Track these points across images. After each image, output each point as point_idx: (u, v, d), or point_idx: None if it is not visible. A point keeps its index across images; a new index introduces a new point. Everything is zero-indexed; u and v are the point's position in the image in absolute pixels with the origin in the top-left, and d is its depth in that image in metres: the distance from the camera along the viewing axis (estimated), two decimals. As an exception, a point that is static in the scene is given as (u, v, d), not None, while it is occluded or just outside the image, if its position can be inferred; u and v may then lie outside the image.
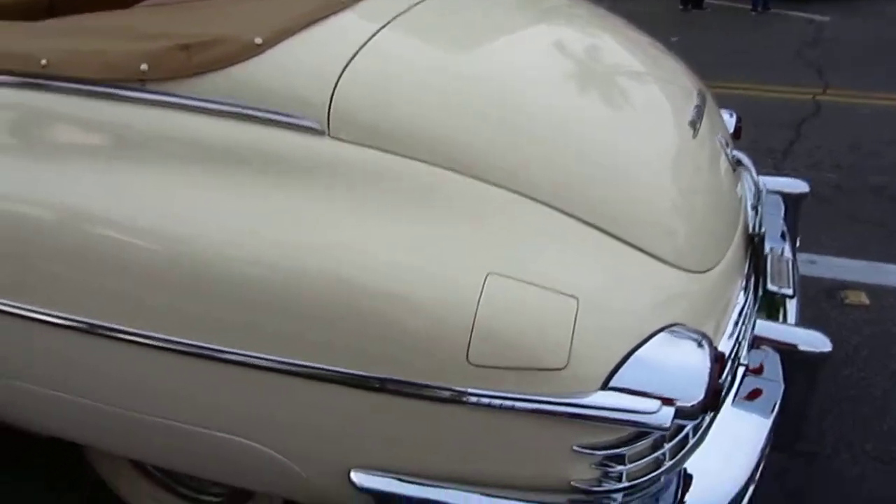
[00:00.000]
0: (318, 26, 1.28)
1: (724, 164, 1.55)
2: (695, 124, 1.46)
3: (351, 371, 1.11)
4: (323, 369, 1.12)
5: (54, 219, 1.25)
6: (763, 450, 1.25)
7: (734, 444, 1.25)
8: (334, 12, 1.31)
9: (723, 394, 1.23)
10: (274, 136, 1.19)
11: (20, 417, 1.47)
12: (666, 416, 1.05)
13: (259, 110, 1.20)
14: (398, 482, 1.15)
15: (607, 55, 1.59)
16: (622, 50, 1.67)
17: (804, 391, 1.40)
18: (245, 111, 1.20)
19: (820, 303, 2.46)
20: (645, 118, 1.41)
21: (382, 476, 1.15)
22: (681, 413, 1.06)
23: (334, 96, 1.19)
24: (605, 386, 1.07)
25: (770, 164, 3.53)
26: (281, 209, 1.16)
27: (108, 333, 1.22)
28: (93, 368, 1.29)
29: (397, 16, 1.34)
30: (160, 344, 1.19)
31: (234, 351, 1.15)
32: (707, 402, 1.07)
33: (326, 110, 1.18)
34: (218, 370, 1.17)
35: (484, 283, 1.07)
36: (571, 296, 1.08)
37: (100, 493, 1.63)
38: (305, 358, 1.12)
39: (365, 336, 1.10)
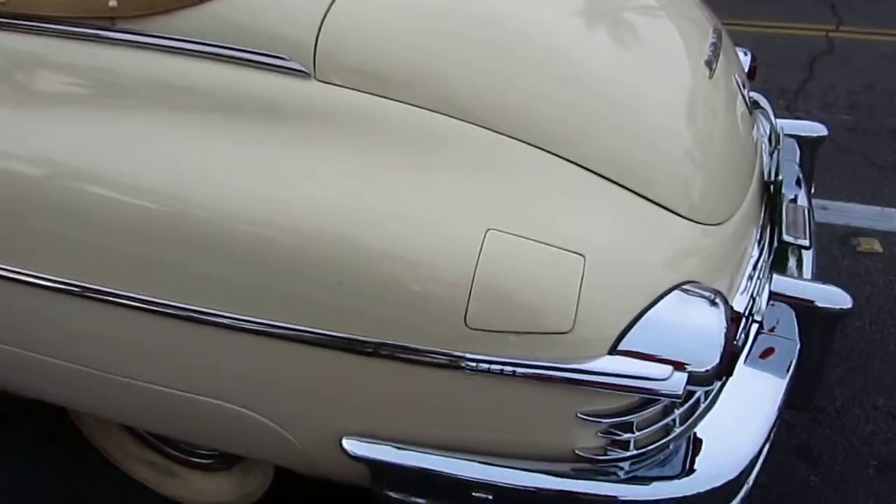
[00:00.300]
0: None
1: (740, 108, 1.45)
2: (711, 64, 1.36)
3: (341, 334, 1.03)
4: (311, 332, 1.04)
5: (21, 172, 1.16)
6: (778, 412, 1.18)
7: (747, 406, 1.18)
8: None
9: (738, 357, 1.15)
10: (255, 80, 1.10)
11: (3, 379, 1.41)
12: (678, 382, 0.98)
13: (238, 50, 1.10)
14: (393, 450, 1.09)
15: None
16: None
17: (820, 349, 1.33)
18: (223, 52, 1.10)
19: (831, 251, 2.38)
20: (657, 57, 1.30)
21: (376, 443, 1.09)
22: (694, 379, 0.99)
23: (320, 34, 1.08)
24: (612, 350, 1.00)
25: (782, 105, 3.40)
26: (264, 159, 1.08)
27: (88, 294, 1.14)
28: (76, 330, 1.22)
29: None
30: (144, 305, 1.11)
31: (219, 313, 1.08)
32: (722, 367, 1.00)
33: (312, 50, 1.08)
34: (205, 333, 1.10)
35: (483, 240, 0.99)
36: (577, 253, 1.00)
37: (87, 445, 1.58)
38: (293, 320, 1.05)
39: (355, 295, 1.02)
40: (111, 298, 1.13)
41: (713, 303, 1.05)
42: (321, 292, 1.03)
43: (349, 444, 1.10)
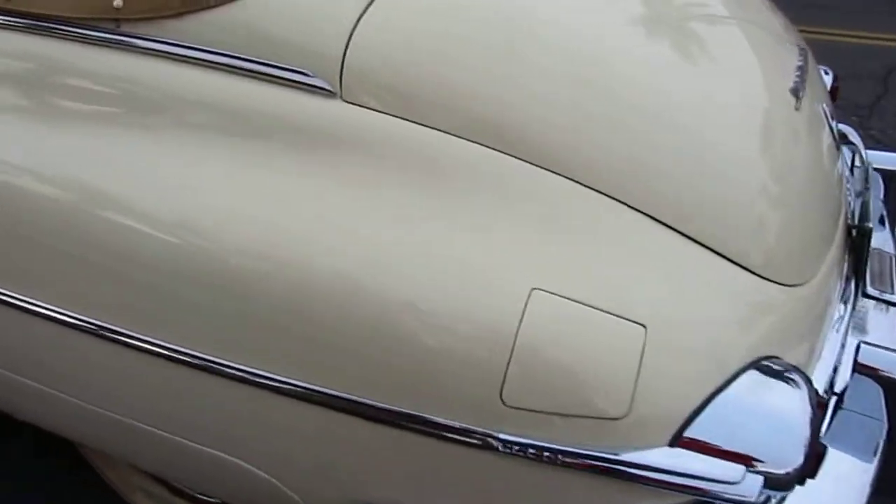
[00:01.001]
0: None
1: (827, 143, 1.27)
2: (797, 92, 1.18)
3: (357, 397, 0.89)
4: (324, 392, 0.90)
5: (11, 187, 1.04)
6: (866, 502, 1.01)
7: (829, 495, 1.01)
8: None
9: (825, 456, 0.98)
10: (272, 97, 0.96)
11: (4, 405, 1.31)
12: (752, 486, 0.82)
13: (254, 62, 0.96)
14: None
15: (692, 3, 1.29)
16: None
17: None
18: (236, 63, 0.96)
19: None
20: (735, 84, 1.12)
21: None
22: (771, 482, 0.83)
23: (349, 48, 0.94)
24: (674, 441, 0.84)
25: (855, 122, 3.16)
26: (278, 188, 0.94)
27: (89, 329, 1.02)
28: (80, 367, 1.10)
29: None
30: (149, 348, 0.98)
31: (225, 362, 0.94)
32: (806, 468, 0.83)
33: (339, 66, 0.94)
34: (213, 383, 0.97)
35: (527, 301, 0.84)
36: (637, 322, 0.84)
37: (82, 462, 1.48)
38: (306, 376, 0.91)
39: (374, 355, 0.88)
40: (112, 335, 1.00)
41: (795, 385, 0.88)
42: (336, 348, 0.89)
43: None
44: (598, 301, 0.85)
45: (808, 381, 0.89)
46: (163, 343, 0.97)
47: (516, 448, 0.84)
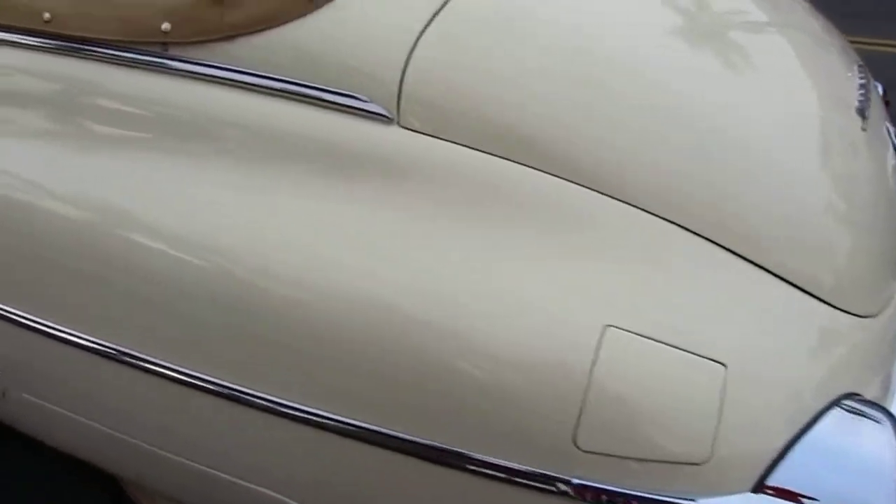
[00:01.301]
0: None
1: (892, 164, 1.22)
2: (863, 112, 1.13)
3: (418, 438, 0.85)
4: (382, 432, 0.86)
5: (55, 215, 1.01)
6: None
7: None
8: None
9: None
10: (325, 122, 0.92)
11: (36, 431, 1.27)
12: (841, 536, 0.77)
13: (307, 87, 0.92)
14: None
15: (752, 19, 1.24)
16: (766, 10, 1.31)
17: None
18: (288, 87, 0.93)
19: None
20: (803, 104, 1.08)
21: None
22: (861, 531, 0.78)
23: (406, 72, 0.90)
24: (758, 487, 0.79)
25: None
26: (329, 217, 0.90)
27: (123, 357, 0.99)
28: (112, 395, 1.06)
29: None
30: (184, 378, 0.95)
31: (274, 399, 0.91)
32: (898, 516, 0.79)
33: (396, 91, 0.90)
34: (253, 417, 0.93)
35: (601, 339, 0.80)
36: (717, 361, 0.80)
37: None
38: (364, 417, 0.87)
39: (432, 394, 0.84)
40: (140, 363, 0.97)
41: (881, 424, 0.84)
42: (389, 385, 0.85)
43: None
44: (675, 338, 0.80)
45: (893, 419, 0.84)
46: (188, 371, 0.95)
47: (590, 494, 0.80)
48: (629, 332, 0.80)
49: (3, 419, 1.27)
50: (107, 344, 1.00)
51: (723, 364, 0.79)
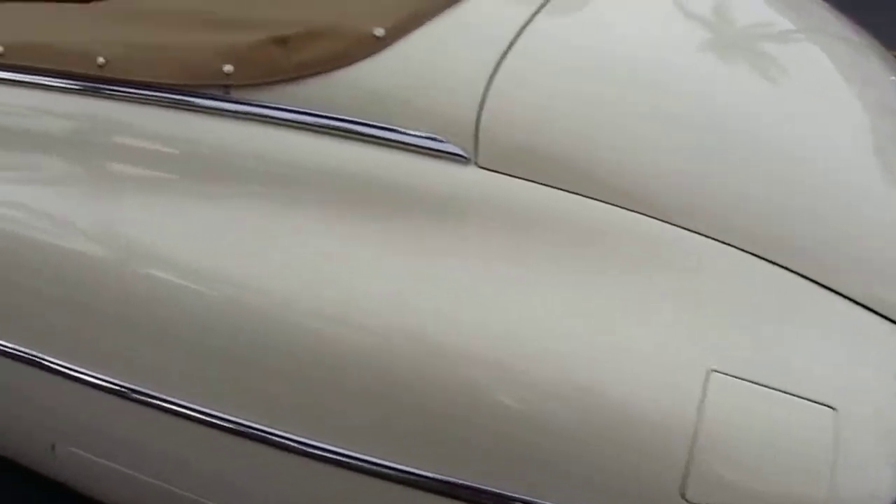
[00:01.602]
0: (455, 11, 0.95)
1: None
2: None
3: (512, 493, 0.81)
4: (462, 485, 0.83)
5: (111, 262, 0.97)
6: None
7: None
8: None
9: None
10: (399, 164, 0.89)
11: (87, 486, 1.23)
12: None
13: (377, 127, 0.89)
14: None
15: (788, 30, 1.20)
16: (801, 19, 1.27)
17: None
18: (358, 128, 0.90)
19: None
20: (855, 116, 1.04)
21: None
22: None
23: (483, 110, 0.87)
24: (879, 533, 0.75)
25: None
26: (407, 264, 0.86)
27: (176, 408, 0.95)
28: (164, 447, 1.03)
29: None
30: (252, 432, 0.91)
31: (345, 453, 0.87)
32: None
33: (473, 129, 0.87)
34: (317, 469, 0.90)
35: (705, 385, 0.76)
36: (825, 404, 0.76)
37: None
38: (436, 468, 0.83)
39: (524, 444, 0.80)
40: (204, 417, 0.94)
41: None
42: (478, 436, 0.81)
43: None
44: (781, 382, 0.77)
45: None
46: (259, 427, 0.91)
47: (701, 549, 0.76)
48: (735, 377, 0.77)
49: (53, 475, 1.23)
50: (159, 395, 0.97)
51: (832, 407, 0.76)
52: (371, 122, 0.89)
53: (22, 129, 1.07)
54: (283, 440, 0.91)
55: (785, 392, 0.76)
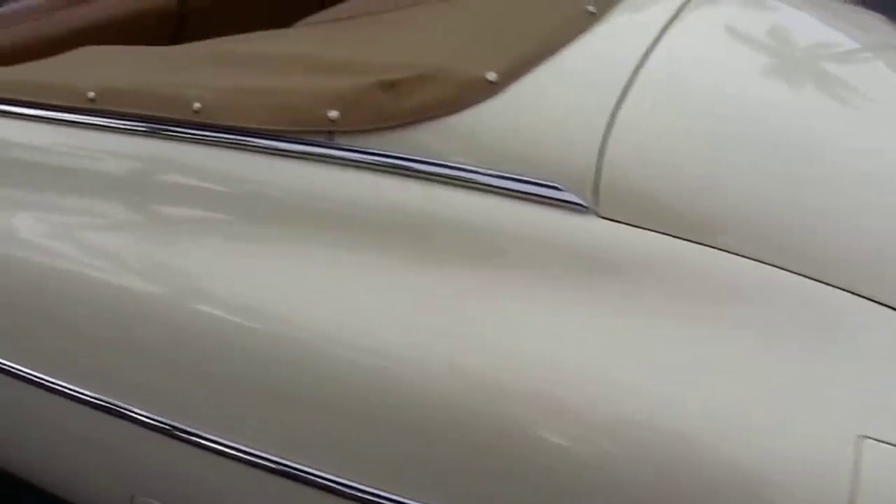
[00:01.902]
0: (566, 52, 0.92)
1: None
2: None
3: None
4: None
5: (201, 311, 0.94)
6: None
7: None
8: (582, 29, 0.94)
9: None
10: (515, 213, 0.85)
11: None
12: None
13: (491, 176, 0.86)
14: None
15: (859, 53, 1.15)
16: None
17: None
18: (471, 176, 0.86)
19: None
20: None
21: None
22: None
23: (604, 157, 0.83)
24: None
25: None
26: (523, 316, 0.82)
27: (252, 458, 0.92)
28: (243, 497, 0.99)
29: (675, 21, 0.96)
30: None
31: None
32: None
33: (592, 177, 0.83)
34: None
35: (858, 454, 0.71)
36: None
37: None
38: None
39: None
40: (278, 467, 0.91)
41: None
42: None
43: None
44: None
45: None
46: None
47: None
48: (887, 443, 0.72)
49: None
50: (236, 445, 0.93)
51: None
52: (482, 170, 0.86)
53: (110, 175, 1.04)
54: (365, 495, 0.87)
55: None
